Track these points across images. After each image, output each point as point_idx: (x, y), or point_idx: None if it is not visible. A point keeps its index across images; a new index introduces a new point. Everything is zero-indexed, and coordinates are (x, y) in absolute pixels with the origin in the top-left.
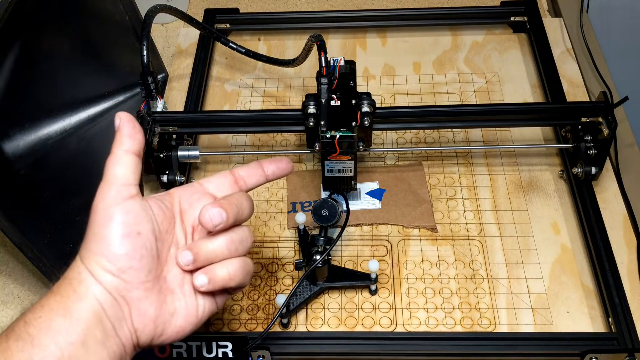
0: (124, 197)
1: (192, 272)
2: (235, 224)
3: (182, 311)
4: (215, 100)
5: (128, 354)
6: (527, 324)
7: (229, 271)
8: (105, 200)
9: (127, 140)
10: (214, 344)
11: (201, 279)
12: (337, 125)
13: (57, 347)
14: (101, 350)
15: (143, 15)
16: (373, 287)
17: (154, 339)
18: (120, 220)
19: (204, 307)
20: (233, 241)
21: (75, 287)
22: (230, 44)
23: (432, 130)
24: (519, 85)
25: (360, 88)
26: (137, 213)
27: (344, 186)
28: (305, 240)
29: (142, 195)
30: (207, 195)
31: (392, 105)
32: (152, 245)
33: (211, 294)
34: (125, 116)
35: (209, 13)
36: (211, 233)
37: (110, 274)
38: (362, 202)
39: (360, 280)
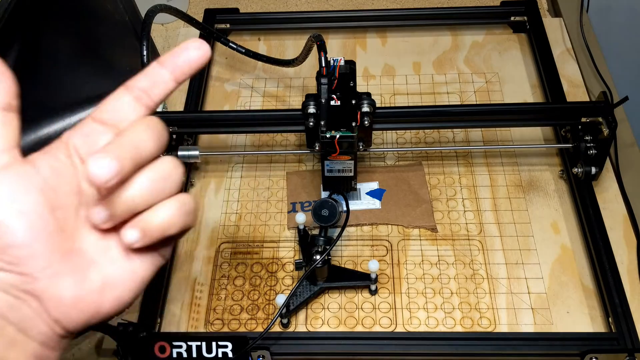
0: None
1: (118, 229)
2: (140, 167)
3: (115, 281)
4: (215, 100)
5: (53, 347)
6: (527, 324)
7: (164, 217)
8: None
9: None
10: (214, 344)
11: (131, 234)
12: (337, 125)
13: None
14: None
15: (143, 15)
16: (373, 287)
17: (88, 320)
18: None
19: (143, 267)
20: (154, 180)
21: None
22: (230, 44)
23: (432, 130)
24: (519, 85)
25: (360, 88)
26: (13, 188)
27: (344, 186)
28: (305, 240)
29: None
30: (107, 131)
31: (392, 105)
32: (45, 221)
33: (151, 247)
34: None
35: (209, 13)
36: (108, 189)
37: (1, 271)
38: (362, 202)
39: (360, 280)
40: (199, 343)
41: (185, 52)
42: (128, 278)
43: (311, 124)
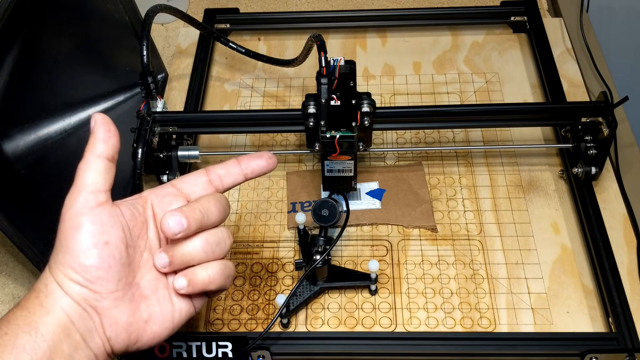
0: (91, 205)
1: (168, 275)
2: (202, 230)
3: (157, 317)
4: (215, 100)
5: None
6: (527, 324)
7: (209, 274)
8: (72, 209)
9: (100, 144)
10: (214, 344)
11: (181, 282)
12: (337, 125)
13: None
14: None
15: (143, 15)
16: (373, 287)
17: (129, 346)
18: (87, 230)
19: (180, 311)
20: (209, 243)
21: (42, 300)
22: (230, 44)
23: (432, 130)
24: (519, 85)
25: (360, 88)
26: (104, 222)
27: (344, 186)
28: (305, 240)
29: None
30: (180, 197)
31: (392, 105)
32: (121, 253)
33: (189, 297)
34: (100, 119)
35: (209, 13)
36: (175, 240)
37: (79, 285)
38: (362, 202)
39: (360, 280)
40: (198, 343)
41: (259, 159)
42: (167, 319)
43: (311, 124)
